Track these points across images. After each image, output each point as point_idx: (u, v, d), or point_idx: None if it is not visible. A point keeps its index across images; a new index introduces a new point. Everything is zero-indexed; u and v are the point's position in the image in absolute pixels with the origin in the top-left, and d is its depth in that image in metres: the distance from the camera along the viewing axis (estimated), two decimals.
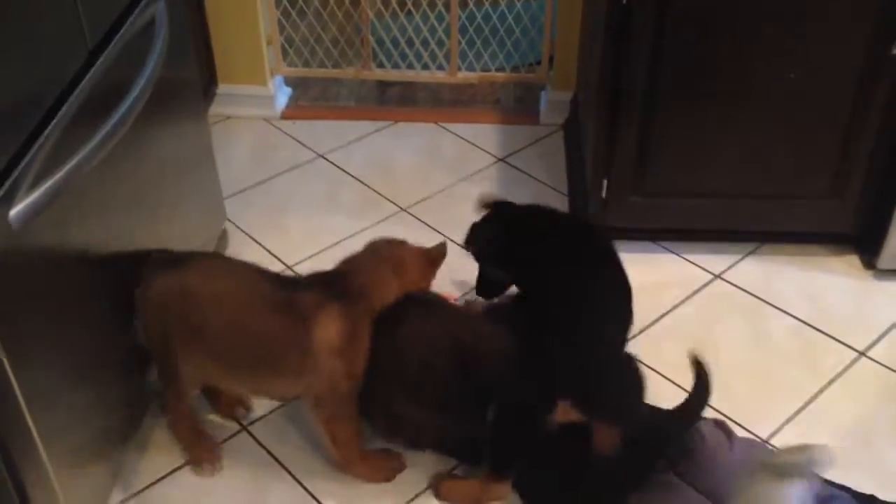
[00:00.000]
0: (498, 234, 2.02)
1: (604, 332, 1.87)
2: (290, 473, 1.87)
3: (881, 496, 1.80)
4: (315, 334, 1.66)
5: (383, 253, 1.82)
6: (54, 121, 1.43)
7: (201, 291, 1.71)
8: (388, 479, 1.85)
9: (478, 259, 2.07)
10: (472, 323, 1.84)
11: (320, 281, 1.76)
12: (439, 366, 1.73)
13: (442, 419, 1.80)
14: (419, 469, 1.87)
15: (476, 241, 2.05)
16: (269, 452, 1.91)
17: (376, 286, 1.76)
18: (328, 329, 1.67)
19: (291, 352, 1.69)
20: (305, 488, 1.84)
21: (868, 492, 1.81)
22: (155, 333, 1.74)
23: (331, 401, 1.73)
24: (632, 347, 2.13)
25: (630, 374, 1.77)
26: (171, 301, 1.71)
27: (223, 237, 2.42)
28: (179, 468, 1.87)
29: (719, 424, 1.91)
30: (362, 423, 1.82)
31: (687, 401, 1.82)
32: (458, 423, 1.80)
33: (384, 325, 1.74)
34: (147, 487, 1.83)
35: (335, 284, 1.74)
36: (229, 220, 2.48)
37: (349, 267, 1.80)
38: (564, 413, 1.69)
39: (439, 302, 1.90)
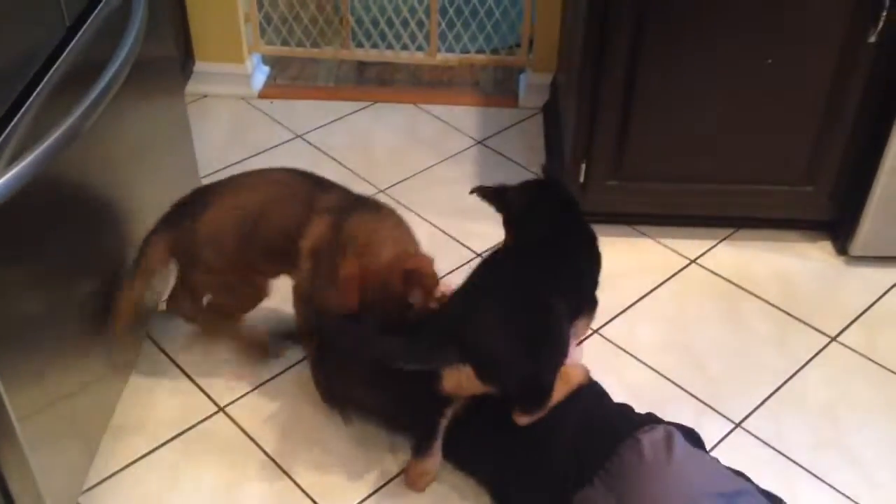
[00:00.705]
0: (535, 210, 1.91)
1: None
2: (265, 453, 1.87)
3: (851, 480, 1.84)
4: (307, 230, 1.79)
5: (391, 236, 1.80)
6: (31, 98, 1.41)
7: (241, 203, 1.85)
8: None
9: (500, 208, 1.96)
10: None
11: (345, 197, 1.87)
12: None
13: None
14: (396, 455, 1.88)
15: (516, 204, 1.93)
16: (244, 433, 1.91)
17: (367, 247, 1.75)
18: (314, 231, 1.78)
19: (297, 241, 1.81)
20: (281, 468, 1.84)
21: (838, 476, 1.84)
22: (212, 264, 1.86)
23: (300, 292, 1.87)
24: (607, 331, 2.16)
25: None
26: (225, 225, 1.83)
27: None
28: (155, 450, 1.87)
29: (667, 435, 1.63)
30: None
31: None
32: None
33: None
34: (123, 469, 1.83)
35: (348, 208, 1.82)
36: None
37: (368, 217, 1.82)
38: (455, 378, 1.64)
39: None
